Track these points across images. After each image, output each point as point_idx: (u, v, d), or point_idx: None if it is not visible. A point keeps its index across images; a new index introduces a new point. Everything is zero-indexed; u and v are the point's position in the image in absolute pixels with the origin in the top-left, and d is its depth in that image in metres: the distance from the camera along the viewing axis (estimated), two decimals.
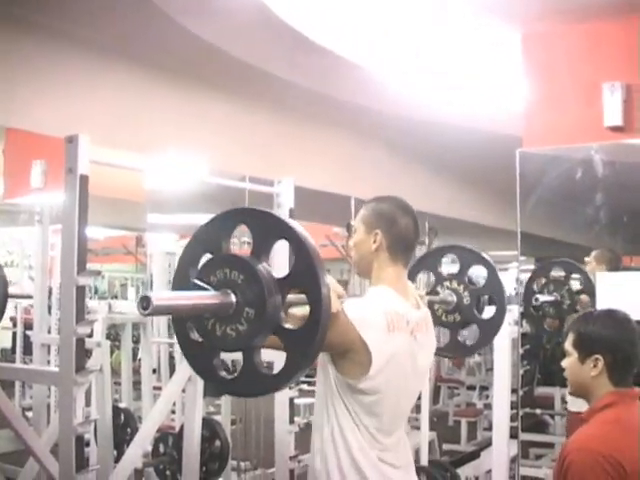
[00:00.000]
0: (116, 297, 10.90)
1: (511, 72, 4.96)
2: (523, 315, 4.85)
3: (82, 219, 3.07)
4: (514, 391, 4.94)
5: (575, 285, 4.77)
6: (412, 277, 3.24)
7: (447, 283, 3.40)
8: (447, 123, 6.28)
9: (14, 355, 7.96)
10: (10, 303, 8.14)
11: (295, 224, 1.91)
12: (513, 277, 6.26)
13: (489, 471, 5.17)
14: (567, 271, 4.82)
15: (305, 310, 1.90)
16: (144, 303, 1.69)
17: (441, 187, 8.59)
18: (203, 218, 2.06)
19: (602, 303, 3.74)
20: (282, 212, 4.01)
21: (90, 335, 5.01)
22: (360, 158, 7.14)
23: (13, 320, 8.58)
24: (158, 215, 7.48)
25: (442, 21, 4.55)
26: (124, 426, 5.33)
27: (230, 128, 5.79)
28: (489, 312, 3.45)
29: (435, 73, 5.35)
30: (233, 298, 1.86)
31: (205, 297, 1.88)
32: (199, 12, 4.35)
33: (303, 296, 1.91)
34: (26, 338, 7.35)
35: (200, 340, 1.95)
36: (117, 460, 4.63)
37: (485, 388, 10.01)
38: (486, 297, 3.43)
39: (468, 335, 3.58)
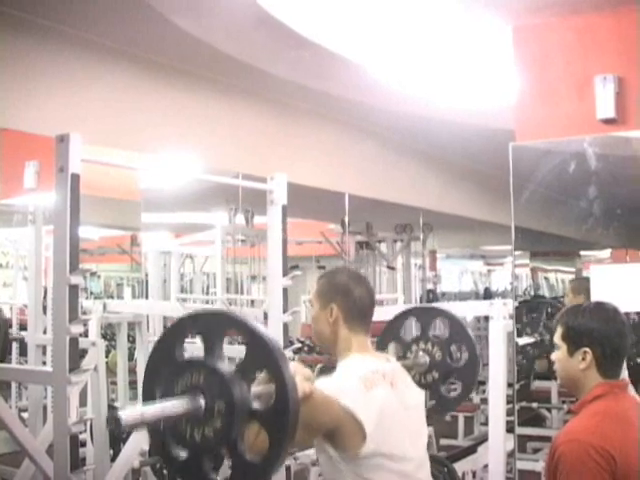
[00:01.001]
0: (112, 297, 10.87)
1: (503, 65, 4.95)
2: (518, 309, 4.86)
3: (74, 218, 3.06)
4: (510, 385, 4.94)
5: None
6: (383, 349, 3.31)
7: (414, 347, 3.45)
8: (440, 118, 6.28)
9: (10, 356, 7.93)
10: (5, 305, 8.15)
11: (238, 316, 2.02)
12: (508, 272, 6.26)
13: (486, 466, 5.17)
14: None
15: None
16: (113, 423, 1.77)
17: (435, 182, 8.58)
18: (197, 216, 2.09)
19: (596, 296, 3.75)
20: (275, 209, 4.01)
21: (85, 335, 5.02)
22: (353, 154, 7.13)
23: (8, 321, 8.56)
24: (152, 214, 7.47)
25: (432, 14, 4.54)
26: None
27: (223, 125, 5.77)
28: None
29: (426, 67, 5.34)
30: (201, 399, 1.92)
31: (171, 406, 1.93)
32: (190, 9, 4.34)
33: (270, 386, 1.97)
34: (21, 339, 7.32)
35: (185, 456, 1.99)
36: (113, 459, 4.63)
37: (482, 383, 10.01)
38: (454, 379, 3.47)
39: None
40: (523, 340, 4.74)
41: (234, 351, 5.43)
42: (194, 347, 2.16)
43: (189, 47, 4.85)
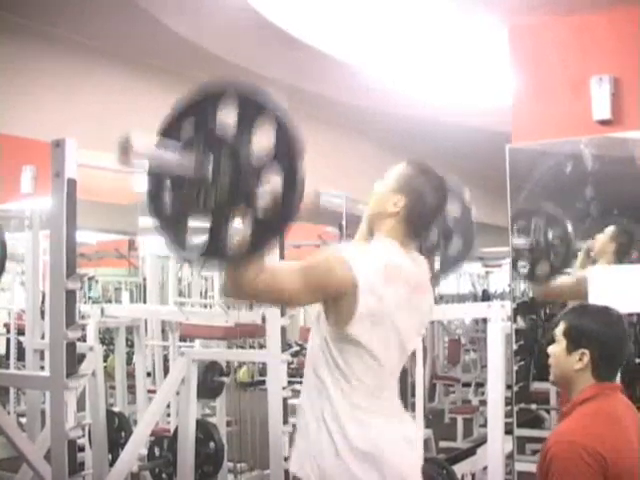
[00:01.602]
0: (110, 301, 10.87)
1: (499, 66, 4.96)
2: (516, 310, 4.84)
3: (70, 223, 3.06)
4: (509, 387, 4.93)
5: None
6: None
7: None
8: (435, 119, 6.29)
9: (8, 362, 7.92)
10: (3, 311, 8.14)
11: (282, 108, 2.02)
12: (506, 273, 6.25)
13: (485, 468, 5.15)
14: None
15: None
16: (124, 147, 1.81)
17: None
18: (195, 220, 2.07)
19: (594, 296, 3.74)
20: None
21: (83, 339, 5.02)
22: (350, 156, 7.13)
23: (7, 326, 8.55)
24: (149, 218, 7.45)
25: (428, 15, 4.55)
26: (118, 430, 5.32)
27: None
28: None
29: (423, 68, 5.35)
30: (211, 159, 1.93)
31: (184, 156, 1.94)
32: (184, 12, 4.35)
33: None
34: (20, 344, 7.32)
35: (171, 206, 2.02)
36: (112, 464, 4.62)
37: (481, 385, 9.99)
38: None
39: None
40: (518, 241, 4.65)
41: (235, 355, 5.45)
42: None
43: (183, 50, 4.86)
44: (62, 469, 3.01)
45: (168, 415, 5.83)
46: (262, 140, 1.97)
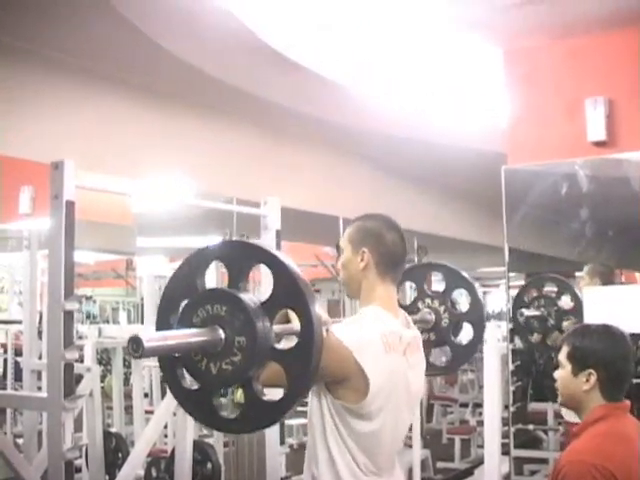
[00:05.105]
0: (108, 321, 10.85)
1: (494, 89, 4.99)
2: (512, 331, 4.85)
3: (68, 244, 3.06)
4: (506, 407, 4.93)
5: (565, 302, 4.80)
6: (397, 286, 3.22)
7: (429, 301, 3.38)
8: (431, 141, 6.32)
9: (5, 382, 7.90)
10: (1, 331, 8.13)
11: (265, 245, 1.93)
12: (504, 293, 6.26)
13: None
14: (559, 287, 4.85)
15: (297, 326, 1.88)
16: (134, 345, 1.68)
17: (428, 204, 8.61)
18: (192, 240, 2.07)
19: (589, 318, 3.75)
20: (269, 234, 4.01)
21: (81, 360, 5.02)
22: (345, 177, 7.16)
23: (4, 347, 8.54)
24: (147, 238, 7.47)
25: (424, 38, 4.58)
26: (115, 451, 5.31)
27: (216, 150, 5.80)
28: (465, 336, 3.44)
29: (418, 91, 5.38)
30: (221, 332, 1.85)
31: (194, 334, 1.86)
32: (183, 35, 4.38)
33: (291, 325, 1.89)
34: (17, 364, 7.30)
35: (194, 388, 1.94)
36: None
37: (478, 405, 9.98)
38: (463, 323, 3.41)
39: (438, 355, 3.57)
40: (528, 312, 4.77)
41: None
42: None
43: (180, 72, 4.89)
44: None
45: (165, 436, 5.82)
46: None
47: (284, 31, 4.41)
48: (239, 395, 7.60)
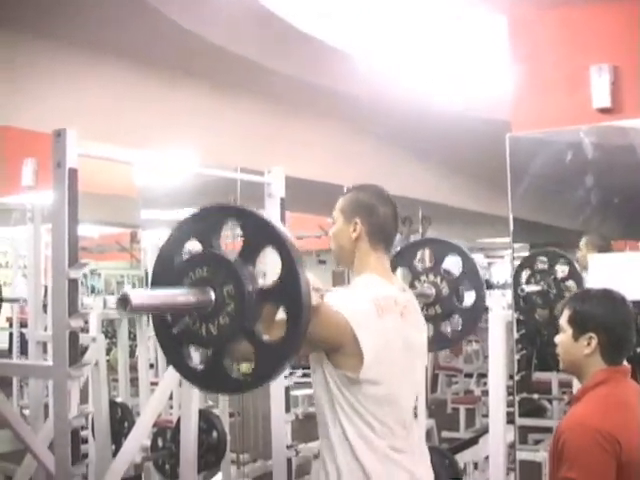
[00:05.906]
0: (113, 294, 10.87)
1: (498, 57, 4.96)
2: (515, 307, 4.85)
3: (72, 212, 3.06)
4: (511, 377, 4.93)
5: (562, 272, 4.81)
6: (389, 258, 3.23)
7: (424, 277, 3.42)
8: (436, 110, 6.28)
9: (11, 355, 7.93)
10: (6, 304, 8.15)
11: (286, 233, 1.92)
12: (508, 264, 6.24)
13: (487, 457, 5.17)
14: (551, 260, 4.85)
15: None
16: (123, 302, 1.72)
17: (432, 174, 8.59)
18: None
19: (594, 284, 3.74)
20: (273, 202, 4.01)
21: (86, 332, 5.03)
22: (350, 147, 7.14)
23: (9, 320, 8.56)
24: (151, 211, 7.47)
25: (428, 6, 4.55)
26: (121, 421, 5.34)
27: (220, 120, 5.78)
28: (469, 299, 3.45)
29: (423, 60, 5.35)
30: (209, 289, 1.88)
31: (182, 293, 1.89)
32: (186, 4, 4.35)
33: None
34: (22, 337, 7.33)
35: (175, 332, 1.96)
36: (115, 455, 4.63)
37: (483, 375, 9.98)
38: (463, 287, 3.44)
39: (452, 325, 3.59)
40: (529, 287, 4.79)
41: None
42: None
43: (187, 43, 4.86)
44: (65, 458, 3.01)
45: (171, 407, 5.85)
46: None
47: (292, 0, 4.39)
48: (245, 367, 7.63)
